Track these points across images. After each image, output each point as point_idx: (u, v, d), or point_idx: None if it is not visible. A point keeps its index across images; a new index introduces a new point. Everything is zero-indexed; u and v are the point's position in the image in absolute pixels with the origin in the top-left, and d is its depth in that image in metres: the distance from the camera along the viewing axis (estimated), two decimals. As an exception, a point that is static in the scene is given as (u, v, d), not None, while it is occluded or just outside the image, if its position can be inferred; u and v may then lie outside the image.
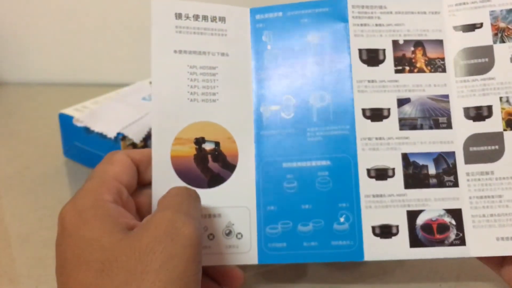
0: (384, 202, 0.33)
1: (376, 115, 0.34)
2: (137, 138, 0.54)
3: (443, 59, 0.34)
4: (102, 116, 0.56)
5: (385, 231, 0.33)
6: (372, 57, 0.34)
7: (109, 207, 0.28)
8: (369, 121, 0.34)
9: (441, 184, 0.33)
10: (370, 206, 0.33)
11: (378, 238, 0.32)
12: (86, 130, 0.55)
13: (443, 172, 0.33)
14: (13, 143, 0.65)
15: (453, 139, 0.34)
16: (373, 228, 0.33)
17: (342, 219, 0.33)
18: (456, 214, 0.33)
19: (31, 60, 0.84)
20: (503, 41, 0.34)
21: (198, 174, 0.33)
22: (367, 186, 0.33)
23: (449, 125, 0.34)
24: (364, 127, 0.33)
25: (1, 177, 0.57)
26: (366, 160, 0.33)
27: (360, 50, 0.34)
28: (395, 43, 0.34)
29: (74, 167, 0.59)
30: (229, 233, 0.33)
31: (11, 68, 0.84)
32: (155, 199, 0.32)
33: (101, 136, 0.54)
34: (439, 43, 0.34)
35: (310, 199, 0.33)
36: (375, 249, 0.32)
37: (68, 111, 0.57)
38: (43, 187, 0.55)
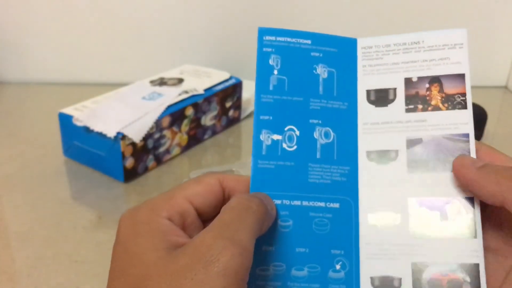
0: (387, 251, 0.30)
1: (382, 157, 0.31)
2: (136, 137, 0.54)
3: (463, 94, 0.31)
4: (101, 116, 0.56)
5: (386, 284, 0.29)
6: (380, 97, 0.32)
7: (161, 223, 0.27)
8: (373, 163, 0.31)
9: (455, 234, 0.29)
10: (371, 254, 0.30)
11: None
12: (86, 129, 0.55)
13: (458, 221, 0.29)
14: (13, 142, 0.65)
15: None
16: (372, 279, 0.29)
17: (338, 267, 0.30)
18: (471, 269, 0.28)
19: (31, 60, 0.84)
20: None
21: None
22: (368, 232, 0.30)
23: None
24: (368, 169, 0.31)
25: (1, 176, 0.57)
26: (368, 204, 0.30)
27: (368, 92, 0.32)
28: (407, 81, 0.32)
29: (73, 167, 0.59)
30: None
31: (11, 68, 0.84)
32: None
33: (101, 135, 0.54)
34: (460, 77, 0.31)
35: (306, 242, 0.30)
36: None
37: (68, 110, 0.57)
38: (42, 187, 0.55)
